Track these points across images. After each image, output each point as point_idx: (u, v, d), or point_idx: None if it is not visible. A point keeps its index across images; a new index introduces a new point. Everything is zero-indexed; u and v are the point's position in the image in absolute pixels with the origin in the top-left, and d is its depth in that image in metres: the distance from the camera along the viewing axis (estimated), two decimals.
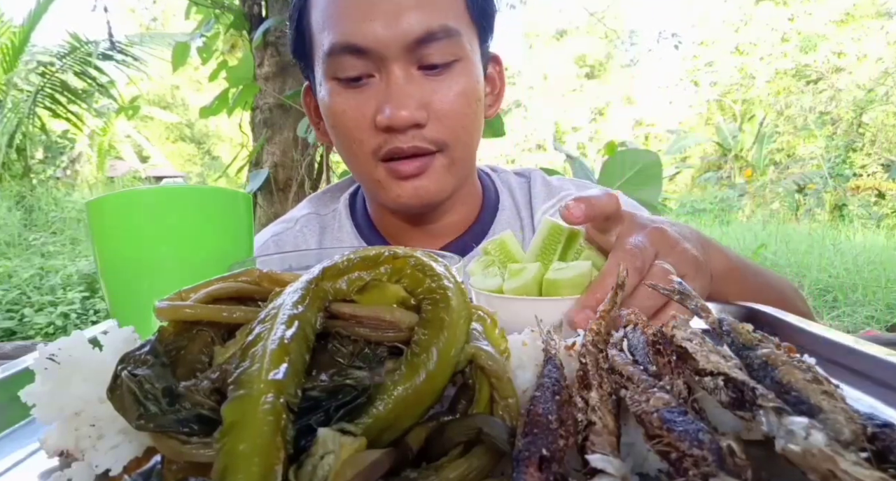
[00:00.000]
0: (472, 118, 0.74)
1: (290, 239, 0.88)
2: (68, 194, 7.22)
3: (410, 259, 0.31)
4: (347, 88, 0.71)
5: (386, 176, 0.74)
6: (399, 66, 0.68)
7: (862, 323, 4.05)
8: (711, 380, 0.28)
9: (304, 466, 0.21)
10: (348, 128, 0.72)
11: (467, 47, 0.72)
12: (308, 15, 0.74)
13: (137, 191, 0.51)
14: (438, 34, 0.68)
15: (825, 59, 9.94)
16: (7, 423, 0.37)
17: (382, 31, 0.67)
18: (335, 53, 0.69)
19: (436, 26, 0.68)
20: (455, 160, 0.74)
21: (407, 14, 0.67)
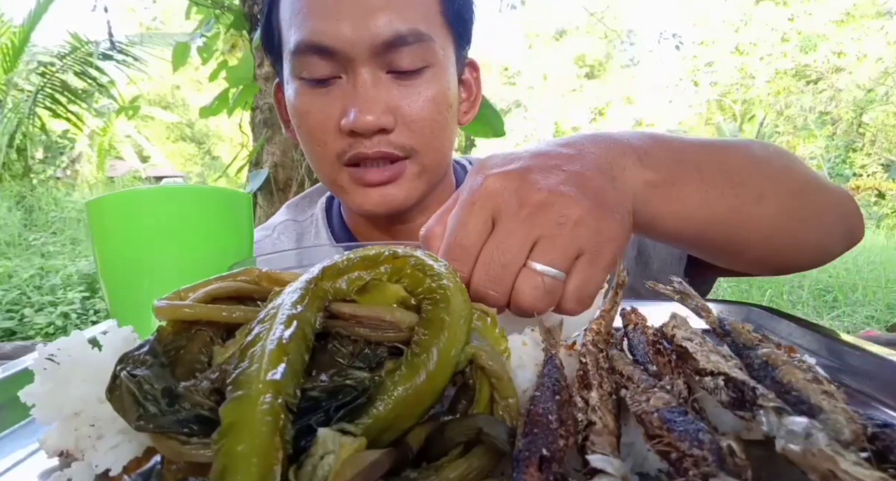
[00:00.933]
0: (443, 125, 0.72)
1: (268, 246, 0.87)
2: (68, 194, 7.22)
3: (410, 258, 0.31)
4: (313, 89, 0.69)
5: (349, 181, 0.71)
6: (367, 68, 0.66)
7: (862, 323, 4.04)
8: (711, 380, 0.28)
9: (304, 466, 0.21)
10: (312, 129, 0.70)
11: (439, 53, 0.69)
12: (278, 9, 0.72)
13: (137, 191, 0.51)
14: (408, 38, 0.66)
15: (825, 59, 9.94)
16: (7, 423, 0.37)
17: (350, 31, 0.65)
18: (301, 52, 0.67)
19: (405, 30, 0.66)
20: (426, 167, 0.72)
21: (376, 15, 0.65)
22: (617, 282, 0.43)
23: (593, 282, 0.38)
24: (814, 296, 4.48)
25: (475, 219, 0.38)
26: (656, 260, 0.77)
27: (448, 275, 0.30)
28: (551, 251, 0.36)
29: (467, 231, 0.38)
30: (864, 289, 4.50)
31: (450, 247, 0.38)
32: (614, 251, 0.38)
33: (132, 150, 10.06)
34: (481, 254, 0.37)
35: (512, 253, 0.36)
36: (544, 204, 0.37)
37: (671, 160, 0.45)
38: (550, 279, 0.36)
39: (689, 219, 0.46)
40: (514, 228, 0.37)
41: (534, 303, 0.36)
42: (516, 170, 0.39)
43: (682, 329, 0.35)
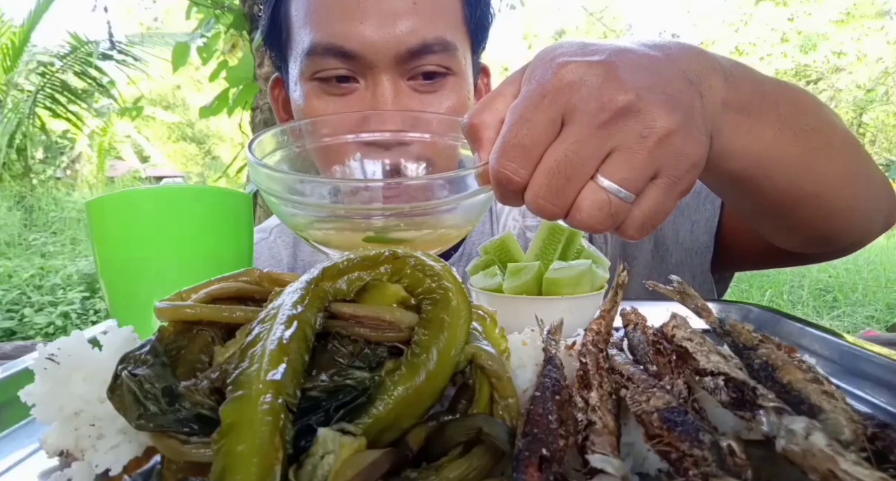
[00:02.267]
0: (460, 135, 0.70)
1: (264, 249, 0.85)
2: (68, 194, 7.22)
3: (410, 259, 0.31)
4: (328, 93, 0.65)
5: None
6: (387, 76, 0.63)
7: (862, 323, 4.04)
8: (712, 380, 0.28)
9: (304, 466, 0.21)
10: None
11: (462, 62, 0.67)
12: (287, 4, 0.67)
13: (137, 191, 0.51)
14: (434, 47, 0.63)
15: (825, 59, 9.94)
16: (7, 423, 0.37)
17: (373, 36, 0.61)
18: (317, 54, 0.63)
19: (431, 39, 0.62)
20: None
21: (402, 21, 0.61)
22: (617, 282, 0.43)
23: (664, 209, 0.34)
24: (814, 296, 4.48)
25: (542, 115, 0.32)
26: (675, 252, 0.72)
27: (448, 275, 0.30)
28: (626, 168, 0.32)
29: (531, 129, 0.32)
30: (864, 289, 4.50)
31: (507, 146, 0.33)
32: (693, 178, 0.34)
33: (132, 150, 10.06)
34: (543, 159, 0.33)
35: (580, 164, 0.32)
36: (629, 110, 0.31)
37: (752, 88, 0.40)
38: (618, 200, 0.32)
39: (757, 157, 0.41)
40: (588, 135, 0.32)
41: (594, 223, 0.33)
42: (600, 63, 0.33)
43: (682, 329, 0.35)
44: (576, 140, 0.32)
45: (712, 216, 0.70)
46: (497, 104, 0.36)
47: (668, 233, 0.73)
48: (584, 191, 0.32)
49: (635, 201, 0.33)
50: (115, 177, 9.16)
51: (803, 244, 0.56)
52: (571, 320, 0.41)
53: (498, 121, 0.35)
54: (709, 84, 0.37)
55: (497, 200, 0.37)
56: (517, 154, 0.33)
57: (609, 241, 0.79)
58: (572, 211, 0.33)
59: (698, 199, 0.71)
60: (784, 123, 0.42)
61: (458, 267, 0.75)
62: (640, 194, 0.33)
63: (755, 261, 0.71)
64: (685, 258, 0.72)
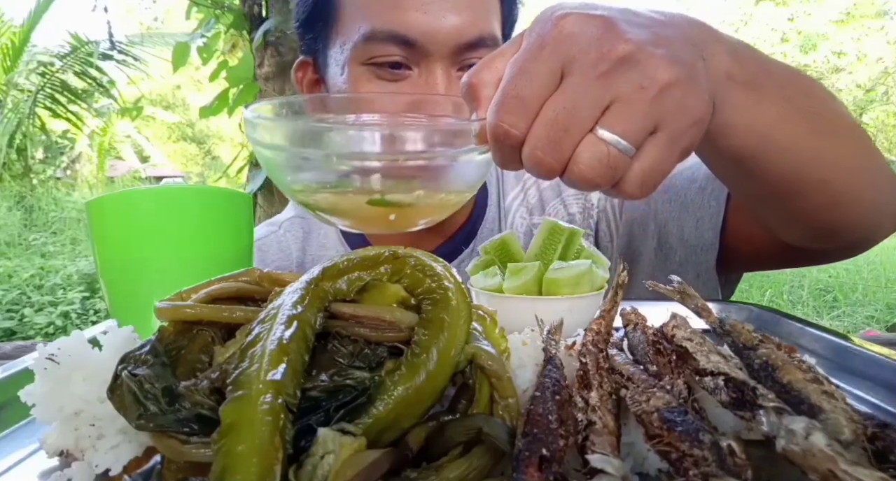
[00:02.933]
0: None
1: (273, 243, 0.86)
2: (68, 194, 7.23)
3: (410, 259, 0.31)
4: (379, 78, 0.66)
5: None
6: (442, 65, 0.65)
7: (862, 323, 4.04)
8: (712, 380, 0.28)
9: (304, 466, 0.21)
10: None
11: None
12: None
13: (137, 191, 0.51)
14: (487, 40, 0.65)
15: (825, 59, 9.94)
16: (7, 423, 0.37)
17: (435, 25, 0.63)
18: (377, 40, 0.64)
19: (486, 32, 0.65)
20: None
21: (463, 13, 0.63)
22: (617, 282, 0.43)
23: (664, 166, 0.33)
24: (814, 296, 4.48)
25: (541, 66, 0.32)
26: (680, 249, 0.72)
27: (448, 275, 0.30)
28: (625, 119, 0.31)
29: (530, 80, 0.32)
30: (864, 289, 4.50)
31: (505, 97, 0.32)
32: (695, 135, 0.33)
33: (132, 150, 10.06)
34: (542, 111, 0.32)
35: (579, 115, 0.31)
36: (628, 60, 0.31)
37: (758, 65, 0.40)
38: (617, 152, 0.31)
39: (761, 136, 0.40)
40: (587, 85, 0.31)
41: (592, 176, 0.32)
42: (601, 16, 0.33)
43: (682, 329, 0.35)
44: (575, 90, 0.31)
45: (717, 212, 0.68)
46: (496, 63, 0.35)
47: (672, 230, 0.73)
48: (582, 143, 0.32)
49: (635, 156, 0.32)
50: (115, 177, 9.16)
51: (809, 237, 0.55)
52: (571, 320, 0.41)
53: (497, 80, 0.35)
54: (712, 52, 0.36)
55: (495, 162, 0.36)
56: (515, 106, 0.32)
57: (614, 240, 0.78)
58: (570, 164, 0.32)
59: (703, 195, 0.70)
60: (790, 104, 0.41)
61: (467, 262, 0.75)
62: (640, 148, 0.32)
63: (761, 260, 0.69)
64: (689, 256, 0.71)
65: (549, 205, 0.82)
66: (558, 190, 0.82)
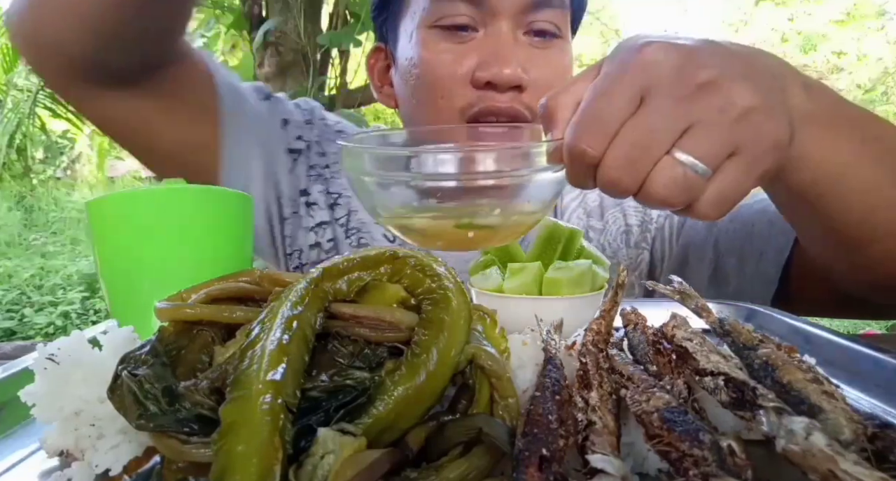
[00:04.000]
0: None
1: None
2: (68, 194, 7.22)
3: (410, 259, 0.31)
4: (447, 39, 0.67)
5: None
6: (508, 25, 0.66)
7: (862, 323, 4.04)
8: (712, 380, 0.28)
9: (304, 466, 0.21)
10: (440, 79, 0.67)
11: (567, 28, 0.70)
12: None
13: (137, 192, 0.51)
14: (553, 2, 0.67)
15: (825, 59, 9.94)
16: (7, 423, 0.37)
17: None
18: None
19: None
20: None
21: None
22: (617, 282, 0.43)
23: (740, 189, 0.33)
24: None
25: (623, 89, 0.32)
26: (735, 280, 0.69)
27: (448, 276, 0.30)
28: (704, 142, 0.31)
29: (610, 102, 0.32)
30: None
31: (585, 117, 0.33)
32: (774, 160, 0.33)
33: None
34: (621, 131, 0.32)
35: (658, 135, 0.31)
36: (710, 85, 0.32)
37: (834, 106, 0.40)
38: (693, 174, 0.31)
39: (833, 174, 0.39)
40: (668, 107, 0.32)
41: (667, 196, 0.32)
42: (683, 45, 0.33)
43: (682, 329, 0.35)
44: (655, 112, 0.31)
45: (783, 249, 0.64)
46: (576, 87, 0.36)
47: (731, 260, 0.70)
48: (659, 163, 0.32)
49: (712, 178, 0.32)
50: (115, 177, 9.14)
51: (873, 289, 0.52)
52: (571, 320, 0.41)
53: (575, 103, 0.35)
54: (789, 83, 0.36)
55: (568, 180, 0.36)
56: (595, 126, 0.32)
57: (665, 260, 0.76)
58: (646, 184, 0.32)
59: (771, 229, 0.66)
60: (866, 146, 0.41)
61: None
62: (717, 170, 0.32)
63: (817, 305, 0.65)
64: (745, 287, 0.68)
65: (609, 212, 0.81)
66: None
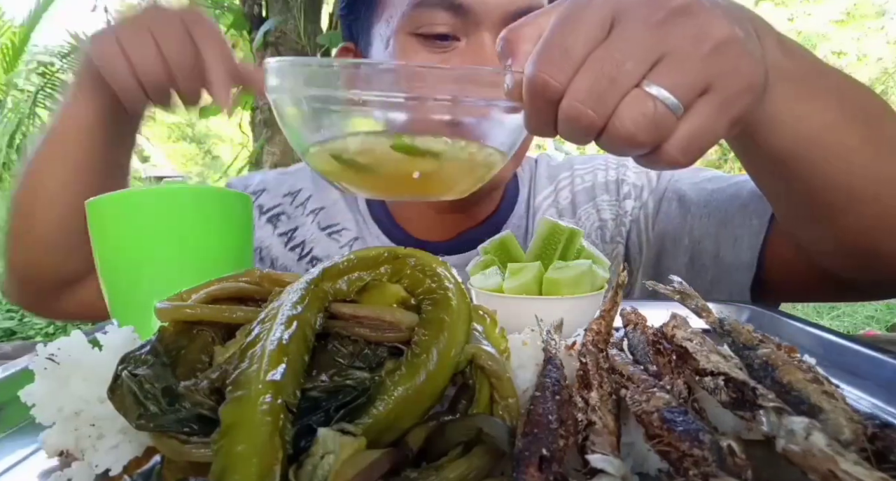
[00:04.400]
0: None
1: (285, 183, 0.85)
2: None
3: (410, 259, 0.31)
4: (427, 48, 0.64)
5: None
6: (490, 34, 0.63)
7: (862, 323, 4.04)
8: (712, 380, 0.28)
9: (304, 466, 0.21)
10: None
11: None
12: None
13: (137, 192, 0.51)
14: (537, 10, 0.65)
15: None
16: (7, 423, 0.37)
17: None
18: (426, 6, 0.63)
19: (535, 2, 0.63)
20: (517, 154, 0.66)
21: None
22: (617, 282, 0.43)
23: (712, 131, 0.30)
24: None
25: (590, 14, 0.29)
26: (713, 268, 0.68)
27: (448, 276, 0.30)
28: (676, 73, 0.29)
29: (575, 28, 0.29)
30: None
31: (548, 46, 0.30)
32: (747, 103, 0.30)
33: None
34: (587, 61, 0.29)
35: (626, 65, 0.29)
36: (686, 11, 0.29)
37: (811, 64, 0.37)
38: (664, 108, 0.29)
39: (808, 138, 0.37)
40: (638, 35, 0.29)
41: (636, 133, 0.29)
42: None
43: (682, 329, 0.35)
44: (624, 40, 0.29)
45: (758, 232, 0.64)
46: (541, 19, 0.33)
47: (707, 247, 0.69)
48: (628, 96, 0.29)
49: (683, 116, 0.30)
50: None
51: (851, 263, 0.51)
52: (571, 320, 0.41)
53: (538, 35, 0.32)
54: (765, 41, 0.33)
55: (526, 125, 0.33)
56: (558, 55, 0.29)
57: (643, 252, 0.76)
58: (612, 119, 0.29)
59: (745, 213, 0.66)
60: (844, 110, 0.38)
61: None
62: (688, 108, 0.30)
63: (798, 288, 0.65)
64: (723, 275, 0.67)
65: (581, 208, 0.80)
66: (592, 193, 0.80)
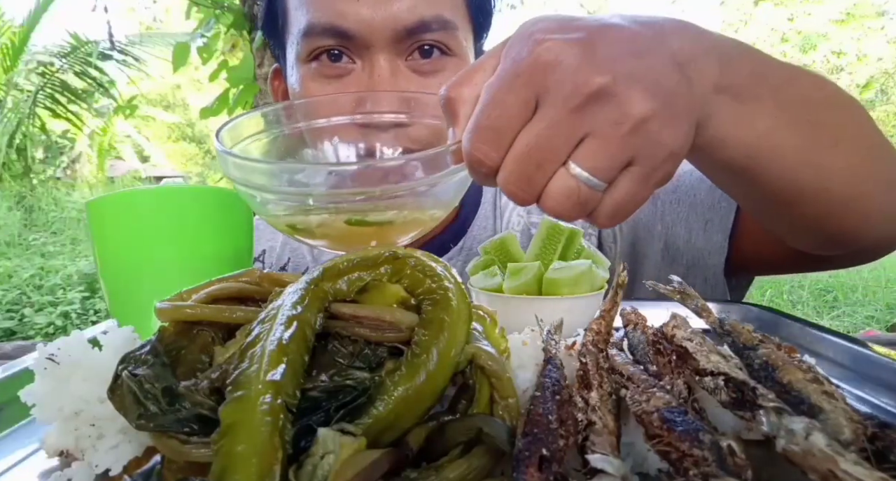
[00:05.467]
0: None
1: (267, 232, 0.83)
2: (68, 194, 7.22)
3: (410, 259, 0.31)
4: (323, 75, 0.64)
5: None
6: (385, 56, 0.62)
7: (862, 323, 4.04)
8: (712, 380, 0.28)
9: (304, 466, 0.21)
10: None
11: (462, 44, 0.65)
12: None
13: (137, 191, 0.51)
14: (432, 25, 0.61)
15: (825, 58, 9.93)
16: (7, 423, 0.37)
17: (370, 14, 0.60)
18: (313, 34, 0.62)
19: (429, 16, 0.61)
20: None
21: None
22: (617, 282, 0.43)
23: (636, 199, 0.33)
24: (814, 296, 4.48)
25: (516, 96, 0.31)
26: (687, 253, 0.69)
27: (448, 276, 0.30)
28: (598, 155, 0.31)
29: (504, 111, 0.31)
30: (864, 289, 4.50)
31: (480, 128, 0.32)
32: (670, 169, 0.33)
33: (132, 150, 10.05)
34: (515, 143, 0.32)
35: (551, 149, 0.31)
36: (604, 94, 0.30)
37: (752, 74, 0.38)
38: (588, 188, 0.31)
39: (752, 147, 0.39)
40: (560, 119, 0.31)
41: (562, 211, 0.32)
42: (578, 42, 0.31)
43: (682, 329, 0.35)
44: (548, 124, 0.31)
45: (727, 214, 0.66)
46: (476, 77, 0.35)
47: (679, 232, 0.70)
48: (554, 177, 0.32)
49: (607, 189, 0.32)
50: (115, 177, 9.14)
51: (818, 245, 0.53)
52: (571, 320, 0.41)
53: (475, 97, 0.34)
54: (700, 67, 0.35)
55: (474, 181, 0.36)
56: (489, 136, 0.32)
57: (618, 241, 0.76)
58: (542, 197, 0.32)
59: (713, 195, 0.67)
60: (784, 111, 0.40)
61: (456, 260, 0.74)
62: (612, 183, 0.32)
63: (771, 265, 0.66)
64: (697, 259, 0.68)
65: None
66: None
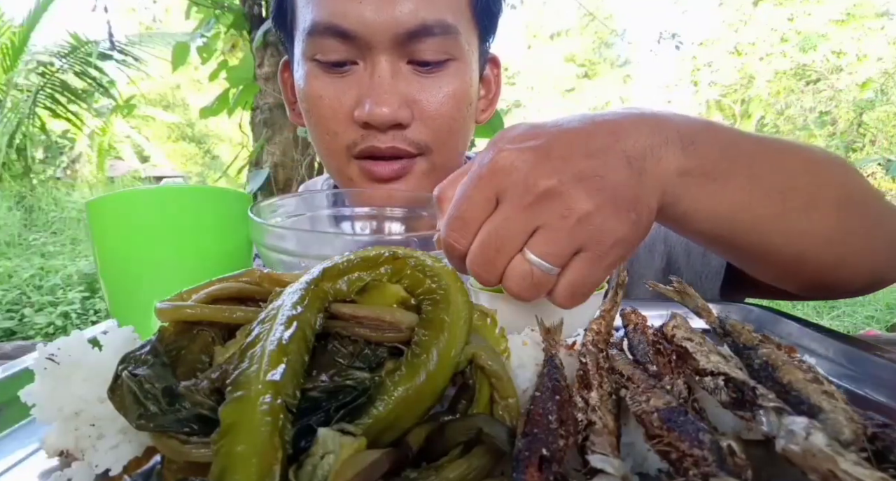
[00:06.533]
0: (461, 122, 0.68)
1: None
2: (68, 194, 7.21)
3: (410, 259, 0.31)
4: (327, 73, 0.65)
5: (359, 174, 0.68)
6: (386, 57, 0.63)
7: (862, 323, 4.04)
8: (712, 380, 0.28)
9: (304, 466, 0.21)
10: (324, 117, 0.66)
11: (464, 47, 0.66)
12: None
13: (137, 191, 0.51)
14: (434, 29, 0.62)
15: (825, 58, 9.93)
16: (7, 423, 0.37)
17: (372, 15, 0.61)
18: (317, 33, 0.63)
19: (431, 20, 0.62)
20: (436, 166, 0.68)
21: (402, 2, 0.61)
22: (617, 282, 0.43)
23: (589, 281, 0.37)
24: None
25: (479, 194, 0.37)
26: (686, 274, 0.70)
27: (448, 276, 0.30)
28: (548, 244, 0.35)
29: (470, 205, 0.37)
30: None
31: (451, 218, 0.38)
32: (620, 252, 0.37)
33: (132, 150, 10.04)
34: (479, 232, 0.37)
35: (507, 239, 0.36)
36: (551, 194, 0.35)
37: (720, 152, 0.41)
38: (540, 272, 0.36)
39: (725, 219, 0.42)
40: (515, 214, 0.36)
41: (519, 291, 0.37)
42: (531, 150, 0.37)
43: (682, 329, 0.35)
44: (505, 217, 0.36)
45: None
46: (459, 179, 0.40)
47: (679, 252, 0.71)
48: (512, 262, 0.36)
49: (561, 273, 0.36)
50: (115, 177, 9.14)
51: (804, 290, 0.54)
52: (571, 320, 0.41)
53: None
54: (658, 157, 0.39)
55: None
56: (458, 225, 0.37)
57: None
58: (503, 278, 0.37)
59: None
60: (756, 183, 0.42)
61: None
62: (566, 266, 0.36)
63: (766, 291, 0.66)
64: (695, 281, 0.70)
65: None
66: None
